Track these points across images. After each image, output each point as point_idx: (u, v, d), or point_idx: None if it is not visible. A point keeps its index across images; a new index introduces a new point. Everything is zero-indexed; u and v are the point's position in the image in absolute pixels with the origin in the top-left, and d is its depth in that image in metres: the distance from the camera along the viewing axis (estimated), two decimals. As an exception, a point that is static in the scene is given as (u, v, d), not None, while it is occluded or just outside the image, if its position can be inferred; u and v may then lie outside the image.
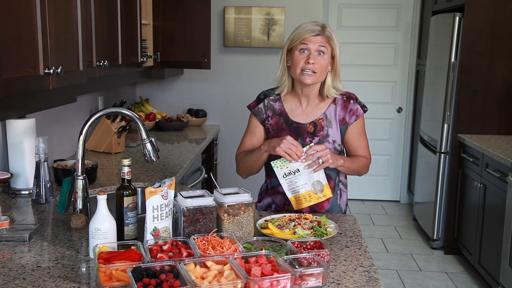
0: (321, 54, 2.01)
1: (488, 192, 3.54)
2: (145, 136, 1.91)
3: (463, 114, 4.10)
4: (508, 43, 3.99)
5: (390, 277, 3.79)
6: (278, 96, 2.15)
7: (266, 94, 2.17)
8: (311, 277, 1.44)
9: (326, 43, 2.02)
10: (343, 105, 2.13)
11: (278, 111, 2.13)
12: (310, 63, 2.00)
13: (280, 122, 2.12)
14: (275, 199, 2.17)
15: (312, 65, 2.00)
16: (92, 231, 1.58)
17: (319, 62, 2.01)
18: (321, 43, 2.01)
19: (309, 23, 2.05)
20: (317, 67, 2.01)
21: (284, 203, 2.15)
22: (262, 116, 2.15)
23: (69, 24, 1.95)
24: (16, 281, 1.46)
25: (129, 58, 3.01)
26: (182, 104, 4.82)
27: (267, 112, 2.14)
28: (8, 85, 1.49)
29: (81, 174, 1.88)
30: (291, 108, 2.13)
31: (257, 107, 2.17)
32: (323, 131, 2.09)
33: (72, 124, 3.11)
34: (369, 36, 5.38)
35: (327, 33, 2.02)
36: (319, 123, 2.10)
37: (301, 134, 2.10)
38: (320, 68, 2.02)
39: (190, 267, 1.40)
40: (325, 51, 2.01)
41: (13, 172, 2.29)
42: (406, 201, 5.64)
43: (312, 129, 2.10)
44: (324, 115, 2.11)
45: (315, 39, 2.00)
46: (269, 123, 2.14)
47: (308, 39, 2.01)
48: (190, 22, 3.89)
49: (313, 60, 2.00)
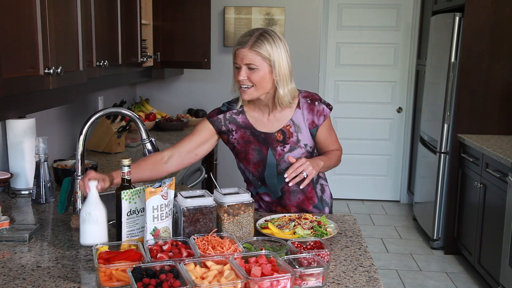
0: (253, 69, 1.87)
1: (488, 192, 3.54)
2: (145, 136, 1.91)
3: (463, 114, 4.10)
4: (508, 43, 3.99)
5: (390, 277, 3.79)
6: (241, 108, 2.03)
7: (229, 107, 2.05)
8: (311, 277, 1.44)
9: (255, 56, 1.85)
10: (309, 108, 2.02)
11: (243, 124, 2.02)
12: (239, 79, 1.88)
13: (246, 135, 2.02)
14: (262, 204, 2.16)
15: (245, 80, 1.88)
16: (83, 215, 1.64)
17: (251, 76, 1.87)
18: (247, 59, 1.86)
19: (246, 31, 1.91)
20: (250, 81, 1.88)
21: (270, 209, 2.14)
22: (220, 127, 2.03)
23: (69, 24, 1.95)
24: (16, 281, 1.46)
25: (129, 58, 3.01)
26: (182, 104, 4.82)
27: (227, 126, 2.03)
28: (8, 85, 1.49)
29: (81, 174, 1.88)
30: (255, 119, 2.02)
31: (216, 117, 2.04)
32: (293, 137, 2.01)
33: (72, 124, 3.11)
34: (369, 36, 5.38)
35: (258, 44, 1.85)
36: (287, 130, 2.01)
37: (270, 143, 2.01)
38: (254, 82, 1.88)
39: (190, 267, 1.40)
40: (253, 66, 1.86)
41: (13, 172, 2.29)
42: (406, 201, 5.64)
43: (281, 137, 2.01)
44: (291, 121, 2.01)
45: (241, 53, 1.86)
46: (234, 138, 2.03)
47: (237, 53, 1.88)
48: (190, 22, 3.89)
49: (243, 76, 1.87)
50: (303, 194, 2.10)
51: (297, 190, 2.07)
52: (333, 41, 5.42)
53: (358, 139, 5.50)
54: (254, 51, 1.86)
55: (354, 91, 5.48)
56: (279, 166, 2.03)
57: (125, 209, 1.63)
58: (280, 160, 2.02)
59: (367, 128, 5.54)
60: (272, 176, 2.05)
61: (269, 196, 2.11)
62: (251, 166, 2.06)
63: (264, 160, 2.03)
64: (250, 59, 1.86)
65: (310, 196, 2.12)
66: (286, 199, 2.10)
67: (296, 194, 2.09)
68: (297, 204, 2.11)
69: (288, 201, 2.10)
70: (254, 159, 2.04)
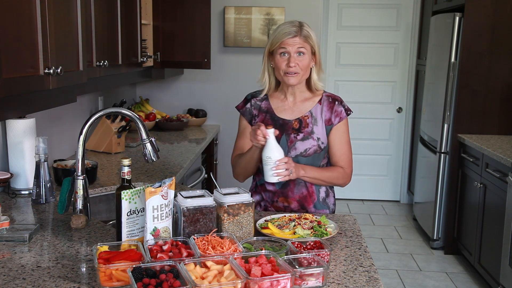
0: (301, 55, 2.06)
1: (488, 192, 3.54)
2: (145, 136, 1.91)
3: (463, 114, 4.10)
4: (508, 43, 3.99)
5: (390, 277, 3.79)
6: (265, 95, 2.20)
7: (253, 95, 2.22)
8: (311, 277, 1.44)
9: (304, 43, 2.05)
10: (329, 106, 2.15)
11: (265, 109, 2.18)
12: (292, 66, 2.04)
13: (266, 119, 2.16)
14: (265, 196, 2.20)
15: (294, 67, 2.05)
16: (264, 159, 1.94)
17: (300, 62, 2.06)
18: (299, 45, 2.04)
19: (286, 24, 2.08)
20: (299, 68, 2.06)
21: (272, 200, 2.18)
22: (249, 116, 2.20)
23: (69, 24, 1.95)
24: (16, 281, 1.46)
25: (129, 58, 3.01)
26: (182, 104, 4.82)
27: (252, 111, 2.20)
28: (8, 85, 1.49)
29: (81, 174, 1.88)
30: (277, 106, 2.18)
31: (244, 107, 2.22)
32: (308, 127, 2.12)
33: (72, 124, 3.11)
34: (369, 36, 5.38)
35: (304, 32, 2.05)
36: (304, 120, 2.13)
37: (286, 130, 2.13)
38: (302, 68, 2.07)
39: (190, 267, 1.40)
40: (304, 51, 2.05)
41: (13, 172, 2.29)
42: (406, 201, 5.64)
43: (297, 125, 2.13)
44: (309, 113, 2.14)
45: (293, 41, 2.04)
46: (255, 122, 2.18)
47: (286, 42, 2.04)
48: (190, 22, 3.89)
49: (294, 63, 2.04)
50: (306, 189, 2.14)
51: (301, 183, 2.13)
52: (333, 41, 5.42)
53: (358, 139, 5.49)
54: (304, 38, 2.05)
55: (354, 91, 5.47)
56: (289, 153, 2.11)
57: (125, 209, 1.63)
58: (291, 148, 2.11)
59: (367, 128, 5.54)
60: None
61: (273, 185, 2.15)
62: None
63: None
64: (302, 45, 2.05)
65: (310, 192, 2.15)
66: (289, 190, 2.14)
67: (300, 188, 2.14)
68: (299, 198, 2.15)
69: (291, 193, 2.14)
70: None
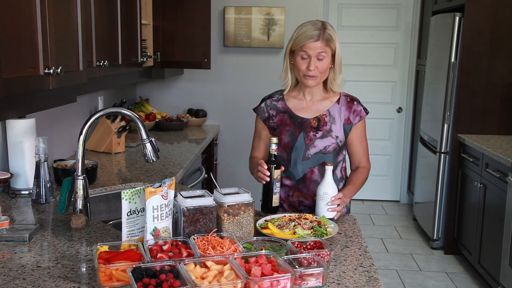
0: (321, 59, 2.07)
1: (488, 192, 3.54)
2: (145, 136, 1.91)
3: (463, 114, 4.10)
4: (508, 43, 3.99)
5: (390, 277, 3.79)
6: (281, 96, 2.23)
7: (269, 96, 2.26)
8: (311, 277, 1.44)
9: (325, 47, 2.06)
10: (347, 105, 2.20)
11: (282, 109, 2.21)
12: (311, 70, 2.06)
13: (284, 118, 2.19)
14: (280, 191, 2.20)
15: (313, 71, 2.07)
16: (320, 194, 2.00)
17: (319, 66, 2.07)
18: (320, 49, 2.05)
19: (309, 26, 2.07)
20: (318, 71, 2.08)
21: (288, 194, 2.21)
22: (264, 115, 2.23)
23: (69, 24, 1.95)
24: (16, 281, 1.46)
25: (129, 58, 3.01)
26: (182, 104, 4.82)
27: (269, 111, 2.22)
28: (8, 85, 1.49)
29: (81, 174, 1.88)
30: (295, 105, 2.20)
31: (259, 106, 2.26)
32: (326, 126, 2.16)
33: (72, 124, 3.11)
34: (369, 36, 5.38)
35: (326, 36, 2.05)
36: (322, 118, 2.16)
37: (304, 128, 2.16)
38: (321, 71, 2.09)
39: (190, 267, 1.40)
40: (324, 55, 2.07)
41: (13, 172, 2.29)
42: (406, 201, 5.63)
43: (315, 123, 2.16)
44: (327, 112, 2.17)
45: (314, 45, 2.04)
46: (273, 122, 2.21)
47: (308, 46, 2.05)
48: (190, 22, 3.89)
49: (313, 66, 2.06)
50: None
51: (317, 181, 2.15)
52: (333, 41, 5.41)
53: (358, 139, 5.49)
54: (325, 42, 2.05)
55: (354, 91, 5.38)
56: (307, 151, 2.14)
57: (125, 209, 1.63)
58: (310, 145, 2.15)
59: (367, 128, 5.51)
60: (297, 158, 2.17)
61: (290, 179, 2.20)
62: (282, 146, 2.19)
63: (294, 142, 2.16)
64: (323, 50, 2.05)
65: None
66: (305, 186, 2.18)
67: (316, 185, 2.15)
68: (313, 195, 2.16)
69: (306, 189, 2.18)
70: (285, 140, 2.17)
